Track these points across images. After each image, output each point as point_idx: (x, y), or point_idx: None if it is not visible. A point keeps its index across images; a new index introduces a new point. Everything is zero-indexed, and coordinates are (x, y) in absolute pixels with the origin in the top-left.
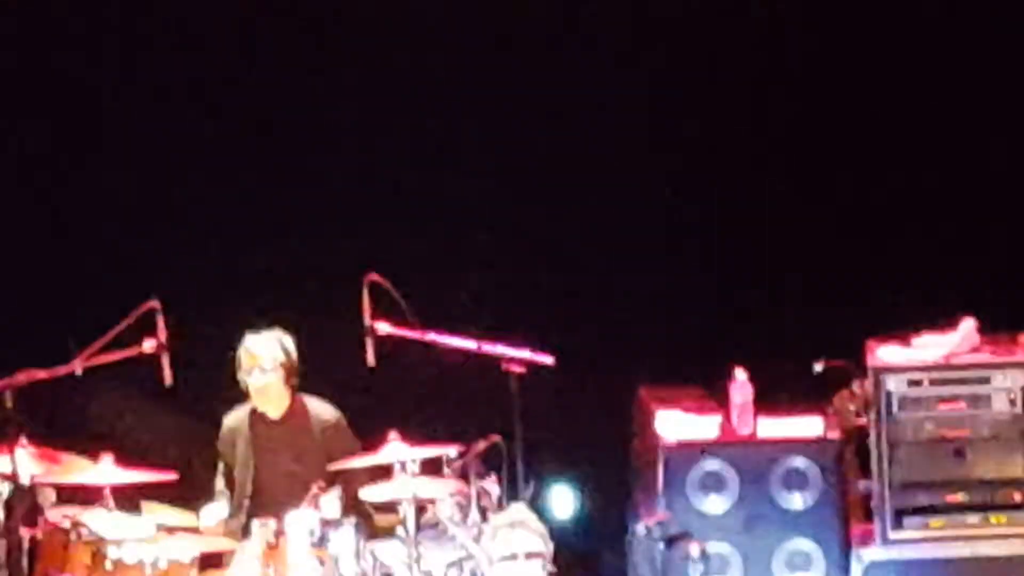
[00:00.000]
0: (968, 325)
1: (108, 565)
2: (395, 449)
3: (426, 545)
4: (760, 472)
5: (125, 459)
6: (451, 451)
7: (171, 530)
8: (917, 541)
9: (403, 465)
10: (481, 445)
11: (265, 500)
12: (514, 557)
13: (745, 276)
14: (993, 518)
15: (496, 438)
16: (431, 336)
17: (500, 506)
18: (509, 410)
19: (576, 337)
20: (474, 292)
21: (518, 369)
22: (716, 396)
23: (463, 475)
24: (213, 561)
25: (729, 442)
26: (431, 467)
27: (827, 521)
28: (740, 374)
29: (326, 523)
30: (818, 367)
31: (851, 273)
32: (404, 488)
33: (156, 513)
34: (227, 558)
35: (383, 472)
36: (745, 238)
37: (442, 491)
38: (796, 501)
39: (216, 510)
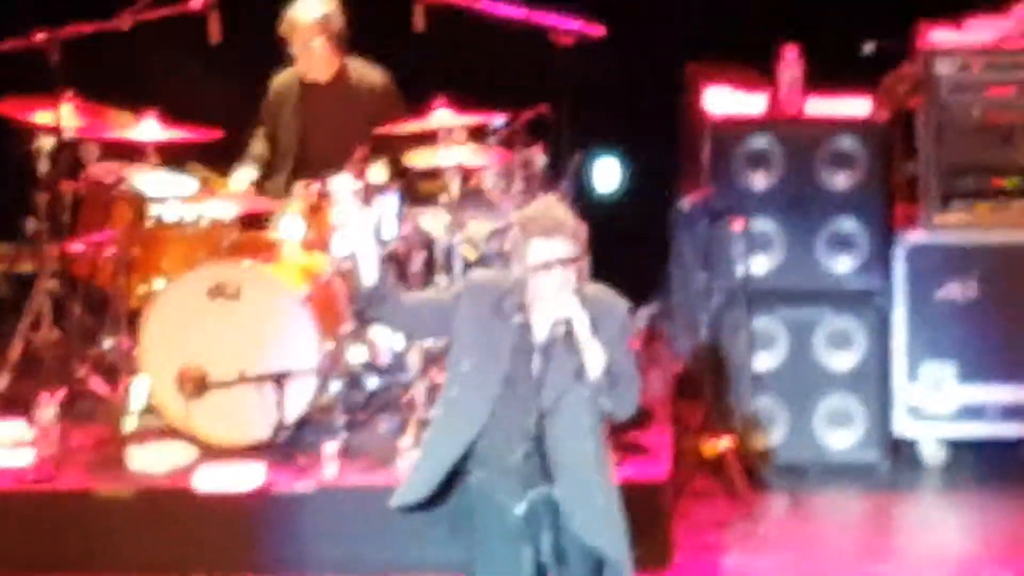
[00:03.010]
0: (1021, 9)
1: (149, 222)
2: (441, 116)
3: (469, 213)
4: (806, 150)
5: (170, 117)
6: (498, 120)
7: (213, 190)
8: (962, 225)
9: (449, 132)
10: (528, 114)
11: (309, 163)
12: (548, 266)
13: None
14: None
15: (543, 108)
16: (481, 2)
17: (545, 178)
18: (557, 81)
19: (628, 10)
20: None
21: (568, 40)
22: (766, 74)
23: (509, 144)
24: (254, 221)
25: (777, 119)
26: (477, 135)
27: (871, 202)
28: (790, 52)
29: (369, 188)
30: (868, 48)
31: None
32: (449, 155)
33: (198, 174)
34: (268, 219)
35: (428, 138)
36: None
37: (487, 159)
38: (841, 181)
39: (247, 173)
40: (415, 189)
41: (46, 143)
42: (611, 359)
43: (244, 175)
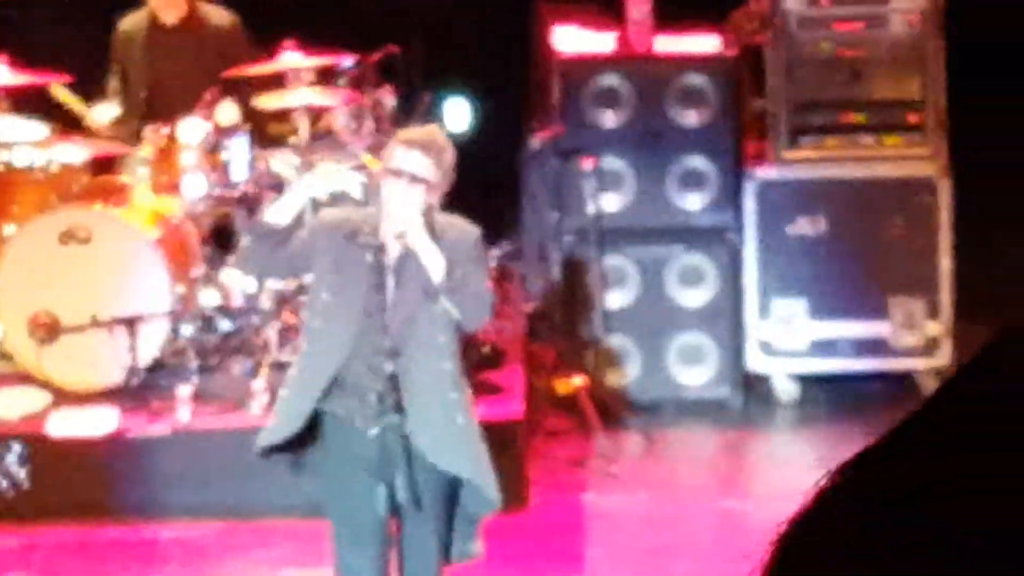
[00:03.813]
0: None
1: None
2: (290, 57)
3: (319, 154)
4: (656, 88)
5: (19, 61)
6: (347, 61)
7: (63, 134)
8: (811, 161)
9: (297, 73)
10: (377, 55)
11: (159, 106)
12: (399, 174)
13: None
14: (887, 139)
15: (393, 48)
16: None
17: (395, 119)
18: (406, 21)
19: None
20: None
21: None
22: (614, 12)
23: (358, 85)
24: (105, 166)
25: (626, 57)
26: (326, 76)
27: (721, 139)
28: None
29: (219, 130)
30: None
31: None
32: (298, 97)
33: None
34: (119, 163)
35: (277, 81)
36: None
37: (337, 100)
38: (691, 118)
39: (108, 109)
40: (264, 131)
41: None
42: (455, 267)
43: (106, 111)
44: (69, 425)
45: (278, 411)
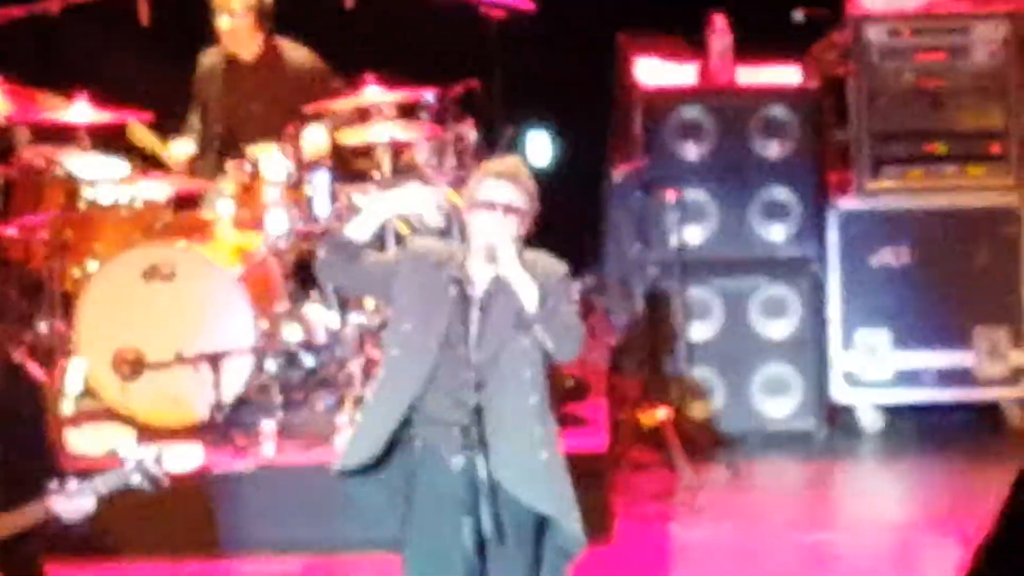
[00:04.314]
0: None
1: (82, 205)
2: (371, 92)
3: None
4: (738, 120)
5: (101, 99)
6: (428, 95)
7: (145, 170)
8: (894, 192)
9: (379, 108)
10: (459, 89)
11: (239, 142)
12: (492, 207)
13: None
14: (971, 169)
15: (474, 83)
16: None
17: (477, 153)
18: (488, 55)
19: None
20: None
21: (499, 13)
22: (696, 44)
23: (440, 119)
24: (187, 202)
25: (707, 89)
26: (408, 111)
27: (804, 170)
28: (719, 21)
29: (302, 165)
30: (798, 15)
31: None
32: (380, 131)
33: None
34: (202, 199)
35: (359, 115)
36: None
37: (418, 135)
38: (774, 149)
39: (185, 145)
40: (347, 166)
41: None
42: (547, 298)
43: (183, 146)
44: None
45: (354, 436)
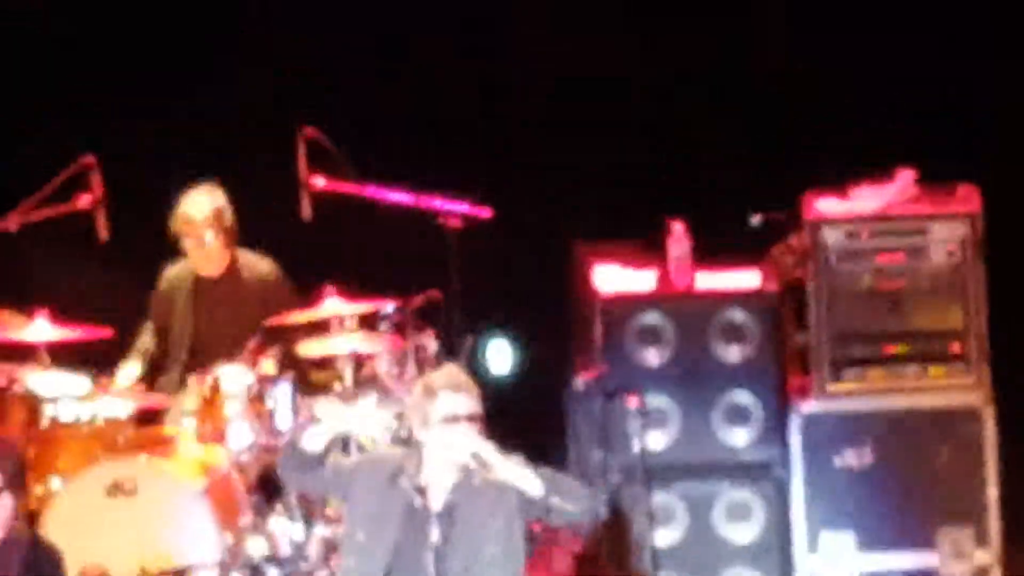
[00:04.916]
0: (906, 176)
1: (44, 422)
2: (332, 304)
3: (364, 401)
4: (698, 325)
5: (61, 316)
6: (388, 306)
7: (105, 387)
8: (855, 393)
9: (340, 320)
10: (418, 300)
11: (202, 356)
12: (456, 420)
13: (682, 129)
14: (931, 369)
15: (434, 293)
16: (367, 189)
17: (438, 361)
18: (447, 264)
19: (514, 191)
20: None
21: (456, 223)
22: (654, 249)
23: (401, 330)
24: (149, 417)
25: (666, 295)
26: (368, 322)
27: (765, 374)
28: (677, 227)
29: (263, 378)
30: (755, 220)
31: (788, 125)
32: (341, 343)
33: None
34: (164, 413)
35: (320, 328)
36: (681, 92)
37: (379, 347)
38: (734, 353)
39: (131, 370)
40: (308, 378)
41: None
42: (543, 474)
43: (128, 372)
44: None
45: None
